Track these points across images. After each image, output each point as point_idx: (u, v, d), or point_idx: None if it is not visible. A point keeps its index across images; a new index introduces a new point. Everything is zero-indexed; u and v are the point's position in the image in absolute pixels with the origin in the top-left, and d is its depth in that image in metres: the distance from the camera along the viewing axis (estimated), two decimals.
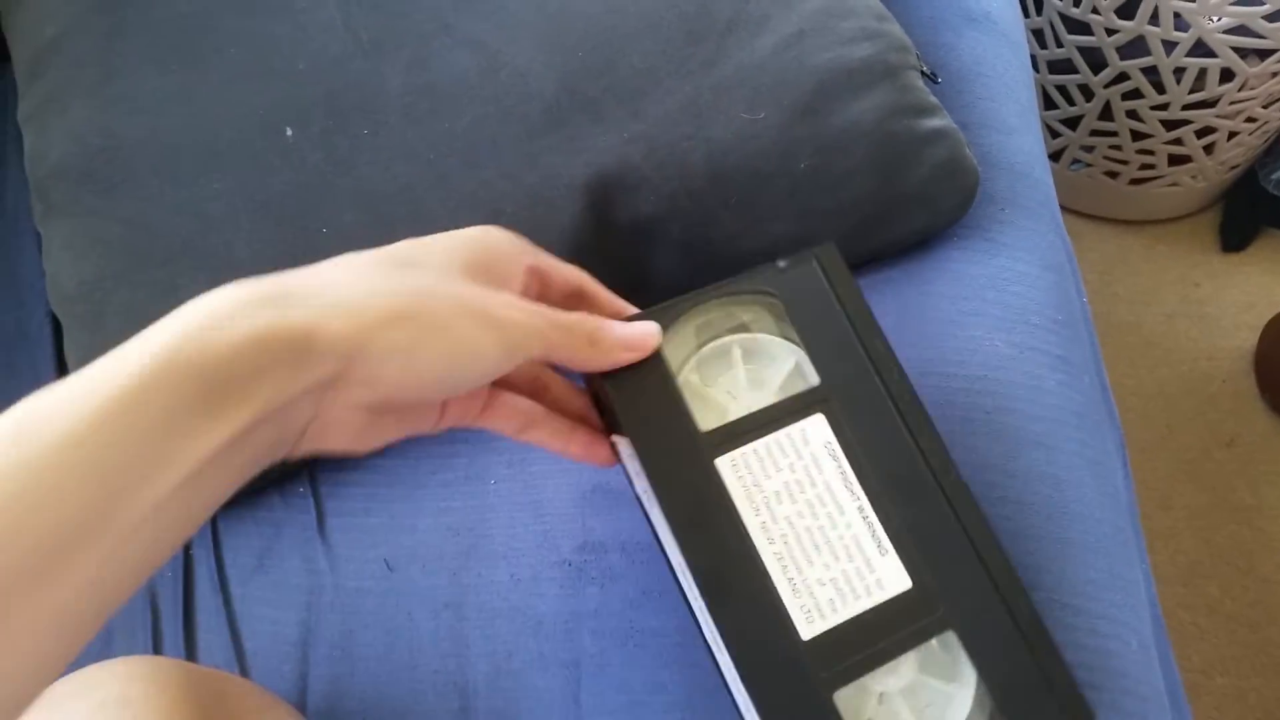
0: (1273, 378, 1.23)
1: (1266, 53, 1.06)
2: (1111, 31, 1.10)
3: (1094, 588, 0.48)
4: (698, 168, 0.53)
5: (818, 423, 0.40)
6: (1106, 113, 1.20)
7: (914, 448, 0.39)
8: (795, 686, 0.35)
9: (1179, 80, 1.11)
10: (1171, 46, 1.08)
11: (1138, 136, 1.22)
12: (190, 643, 0.53)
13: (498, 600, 0.51)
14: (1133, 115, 1.19)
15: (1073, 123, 1.25)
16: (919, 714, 0.36)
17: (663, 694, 0.48)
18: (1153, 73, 1.12)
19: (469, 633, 0.51)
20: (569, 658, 0.49)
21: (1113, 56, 1.13)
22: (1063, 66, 1.19)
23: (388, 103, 0.53)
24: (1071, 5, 1.11)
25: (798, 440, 0.39)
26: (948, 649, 0.37)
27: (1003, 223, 0.59)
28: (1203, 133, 1.19)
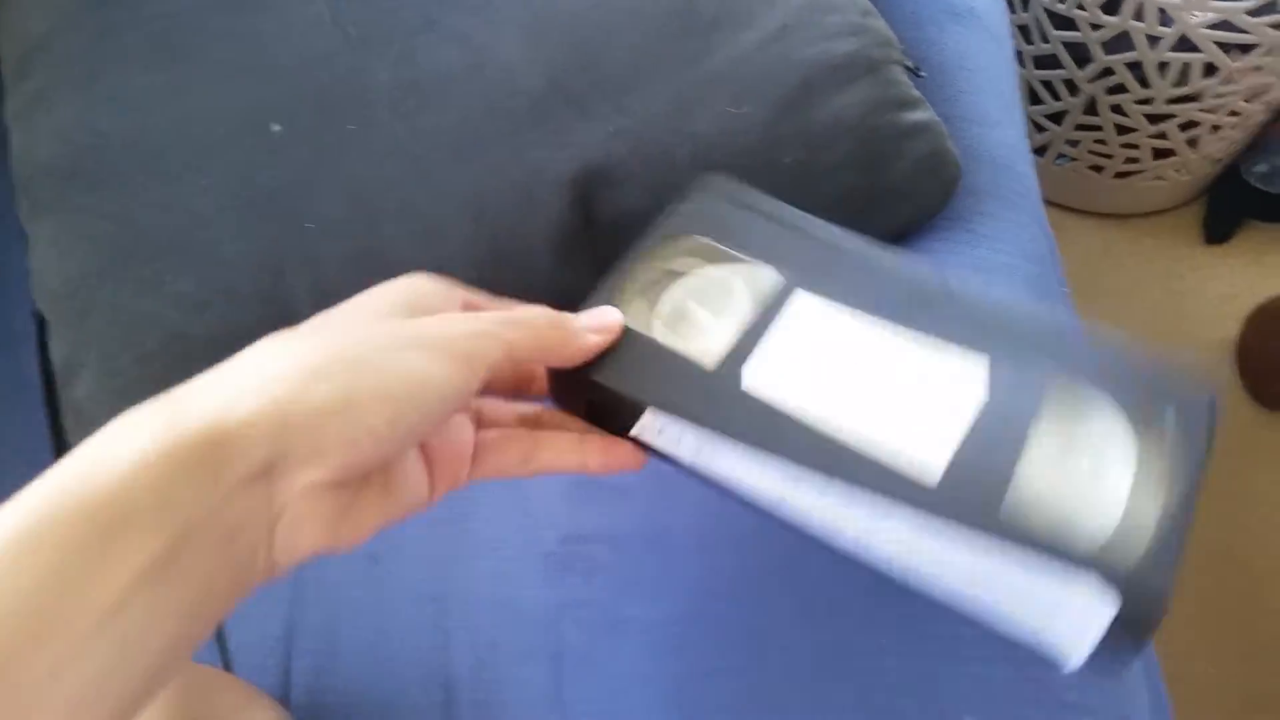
0: (1255, 368, 1.24)
1: (1249, 47, 1.07)
2: (1096, 27, 1.11)
3: None
4: (683, 162, 0.53)
5: (802, 298, 0.40)
6: (1091, 107, 1.21)
7: (897, 271, 0.40)
8: (988, 504, 0.33)
9: (1163, 75, 1.12)
10: (1155, 41, 1.08)
11: (1122, 131, 1.22)
12: None
13: (481, 592, 0.51)
14: (1117, 110, 1.19)
15: (1058, 117, 1.25)
16: (1092, 461, 0.35)
17: (646, 684, 0.48)
18: (1137, 68, 1.13)
19: (452, 625, 0.51)
20: (553, 649, 0.49)
21: (1098, 51, 1.13)
22: (1048, 62, 1.19)
23: (374, 98, 0.53)
24: (1057, 1, 1.12)
25: (796, 321, 0.39)
26: (1066, 400, 0.37)
27: (984, 214, 0.59)
28: (1186, 126, 1.20)
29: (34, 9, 0.59)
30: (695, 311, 0.41)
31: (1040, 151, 1.32)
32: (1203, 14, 1.04)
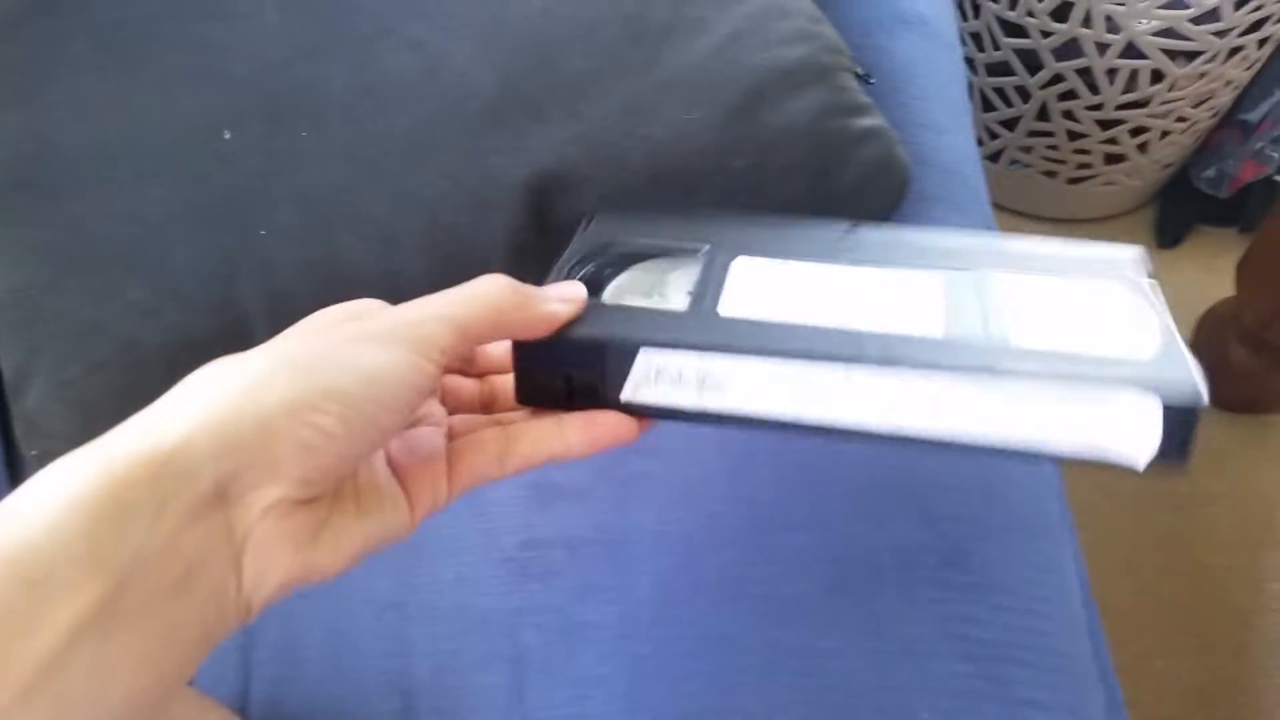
0: (1207, 369, 1.25)
1: (1193, 54, 1.09)
2: (1046, 34, 1.13)
3: (1025, 568, 0.50)
4: (637, 166, 0.53)
5: (743, 260, 0.40)
6: (1043, 113, 1.23)
7: (818, 227, 0.42)
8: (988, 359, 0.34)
9: (1112, 81, 1.14)
10: (1104, 48, 1.10)
11: (1074, 136, 1.24)
12: None
13: (441, 599, 0.51)
14: (1068, 116, 1.21)
15: (1011, 124, 1.27)
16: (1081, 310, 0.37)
17: (605, 686, 0.48)
18: (1087, 74, 1.15)
19: (412, 632, 0.51)
20: (512, 654, 0.50)
21: (1048, 59, 1.15)
22: (1000, 69, 1.21)
23: (328, 105, 0.53)
24: (1008, 9, 1.14)
25: (746, 275, 0.39)
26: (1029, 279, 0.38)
27: (934, 219, 0.60)
28: (1136, 132, 1.22)
29: None
30: (645, 289, 0.40)
31: (994, 158, 1.34)
32: (1148, 21, 1.06)
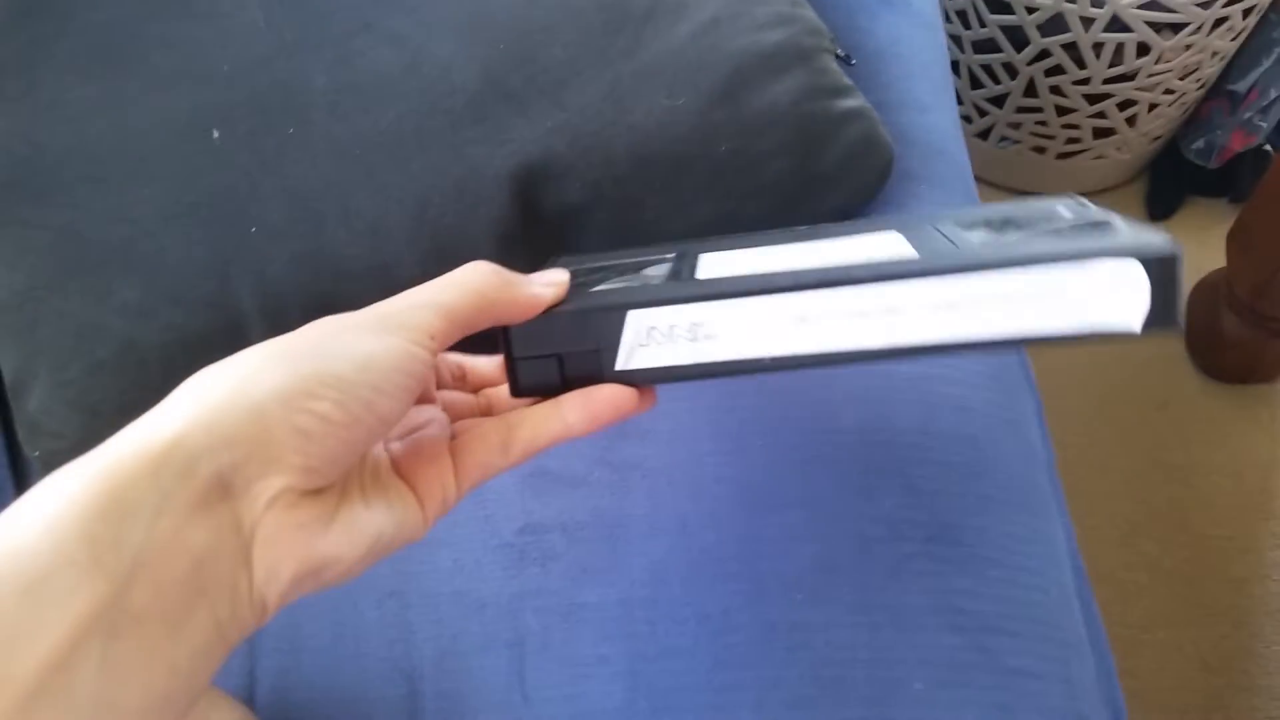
0: (1201, 341, 1.27)
1: (1179, 26, 1.09)
2: (1031, 10, 1.13)
3: (1013, 540, 0.50)
4: (621, 154, 0.54)
5: (710, 254, 0.41)
6: (1031, 89, 1.23)
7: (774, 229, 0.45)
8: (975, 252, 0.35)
9: (1098, 55, 1.15)
10: (1089, 23, 1.11)
11: (1062, 111, 1.25)
12: None
13: (441, 586, 0.52)
14: (1056, 91, 1.22)
15: (999, 100, 1.28)
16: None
17: (605, 666, 0.49)
18: (1073, 49, 1.15)
19: (414, 619, 0.52)
20: (513, 637, 0.50)
21: (1034, 34, 1.15)
22: (987, 46, 1.22)
23: (312, 101, 0.53)
24: None
25: (715, 261, 0.40)
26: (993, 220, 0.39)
27: (919, 197, 0.61)
28: (1124, 105, 1.22)
29: None
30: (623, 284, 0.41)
31: (983, 135, 1.34)
32: None
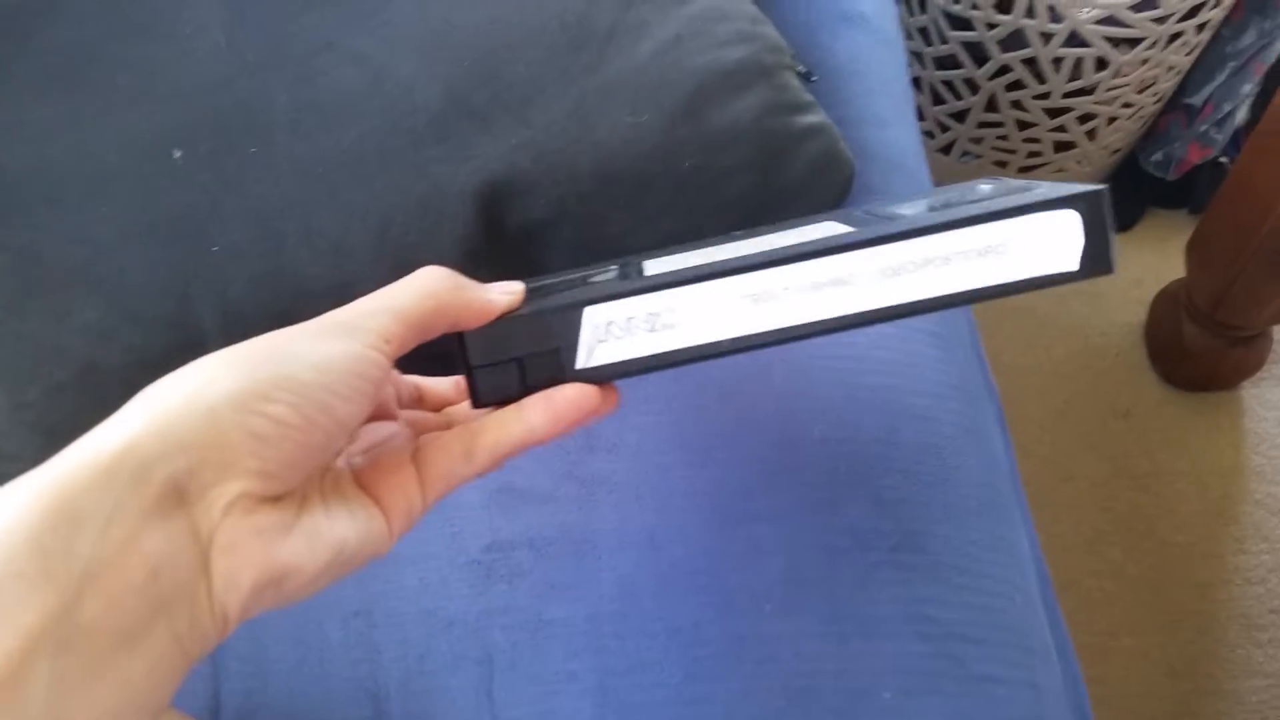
0: (1163, 350, 1.29)
1: (1135, 41, 1.11)
2: (991, 26, 1.15)
3: (977, 548, 0.51)
4: (585, 170, 0.54)
5: (654, 259, 0.42)
6: (992, 104, 1.25)
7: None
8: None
9: (1057, 70, 1.16)
10: (1048, 38, 1.12)
11: (1023, 126, 1.27)
12: None
13: (408, 604, 0.52)
14: (1017, 105, 1.23)
15: (961, 116, 1.29)
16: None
17: (574, 682, 0.49)
18: (1033, 64, 1.17)
19: (380, 639, 0.51)
20: (481, 655, 0.50)
21: (994, 50, 1.17)
22: (948, 62, 1.23)
23: (274, 120, 0.53)
24: (953, 2, 1.15)
25: (661, 264, 0.40)
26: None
27: None
28: (1084, 119, 1.24)
29: None
30: None
31: (945, 150, 1.36)
32: (1090, 10, 1.08)
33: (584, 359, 0.36)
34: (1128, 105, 1.23)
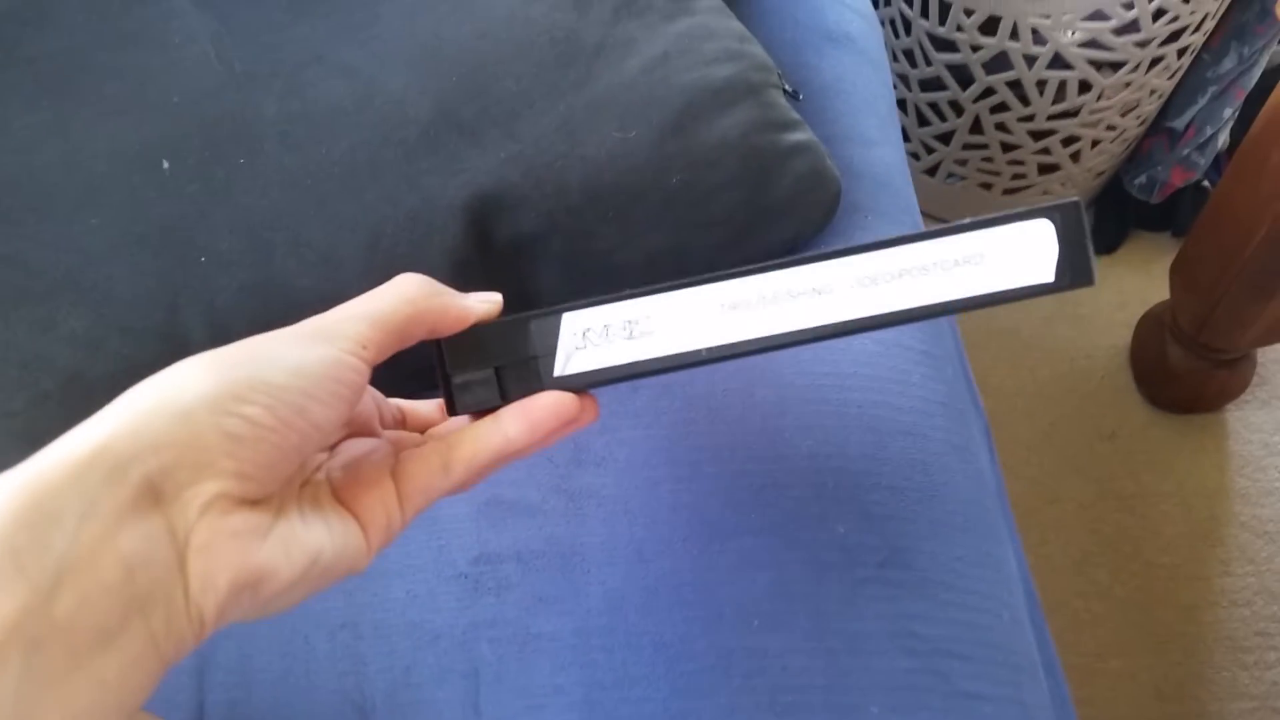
0: (1148, 372, 1.30)
1: (1118, 64, 1.13)
2: (976, 48, 1.16)
3: (964, 564, 0.51)
4: (574, 185, 0.54)
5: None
6: (977, 126, 1.26)
7: None
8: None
9: (1041, 92, 1.18)
10: (1032, 60, 1.14)
11: (1007, 148, 1.28)
12: None
13: (394, 617, 0.52)
14: (1001, 127, 1.25)
15: (945, 138, 1.30)
16: None
17: (561, 695, 0.49)
18: (1017, 86, 1.18)
19: (366, 651, 0.51)
20: (467, 668, 0.50)
21: (979, 72, 1.18)
22: (933, 84, 1.24)
23: (263, 131, 0.53)
24: (938, 25, 1.17)
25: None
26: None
27: (866, 229, 0.62)
28: (1068, 142, 1.26)
29: None
30: None
31: (930, 172, 1.37)
32: (1073, 33, 1.09)
33: (561, 366, 0.36)
34: (1111, 128, 1.25)
